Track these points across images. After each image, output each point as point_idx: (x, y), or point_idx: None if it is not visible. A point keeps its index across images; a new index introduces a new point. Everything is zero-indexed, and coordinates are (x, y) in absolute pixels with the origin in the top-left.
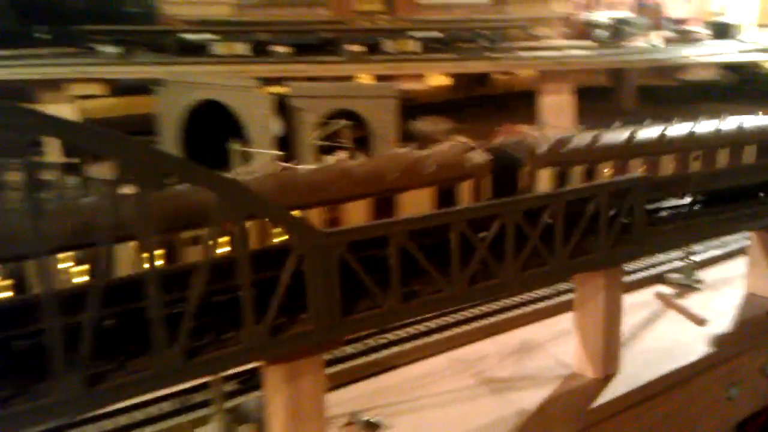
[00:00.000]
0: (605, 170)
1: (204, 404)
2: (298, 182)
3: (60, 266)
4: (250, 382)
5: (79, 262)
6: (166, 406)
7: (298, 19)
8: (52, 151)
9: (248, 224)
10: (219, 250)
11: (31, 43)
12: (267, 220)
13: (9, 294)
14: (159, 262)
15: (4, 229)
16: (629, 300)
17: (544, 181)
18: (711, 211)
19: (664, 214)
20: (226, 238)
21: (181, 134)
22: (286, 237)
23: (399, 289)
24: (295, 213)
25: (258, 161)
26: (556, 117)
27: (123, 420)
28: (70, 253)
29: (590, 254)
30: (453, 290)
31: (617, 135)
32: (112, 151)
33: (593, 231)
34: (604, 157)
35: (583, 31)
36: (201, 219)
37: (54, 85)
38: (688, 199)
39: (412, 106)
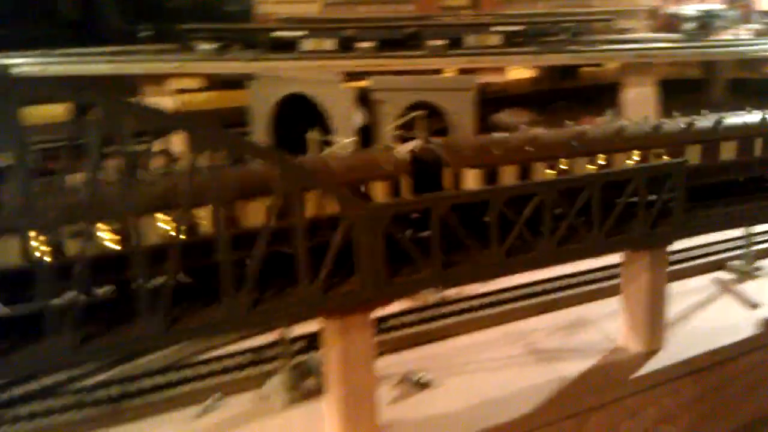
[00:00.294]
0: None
1: (273, 359)
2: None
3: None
4: (314, 342)
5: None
6: (241, 360)
7: (384, 16)
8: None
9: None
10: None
11: (136, 40)
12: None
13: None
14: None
15: (110, 196)
16: (689, 284)
17: (471, 180)
18: (755, 197)
19: (707, 198)
20: None
21: (270, 125)
22: None
23: (439, 257)
24: None
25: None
26: (639, 109)
27: (216, 366)
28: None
29: (629, 234)
30: (490, 261)
31: (557, 134)
32: (191, 131)
33: (634, 213)
34: (536, 157)
35: (672, 23)
36: (266, 190)
37: (156, 79)
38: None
39: (499, 98)
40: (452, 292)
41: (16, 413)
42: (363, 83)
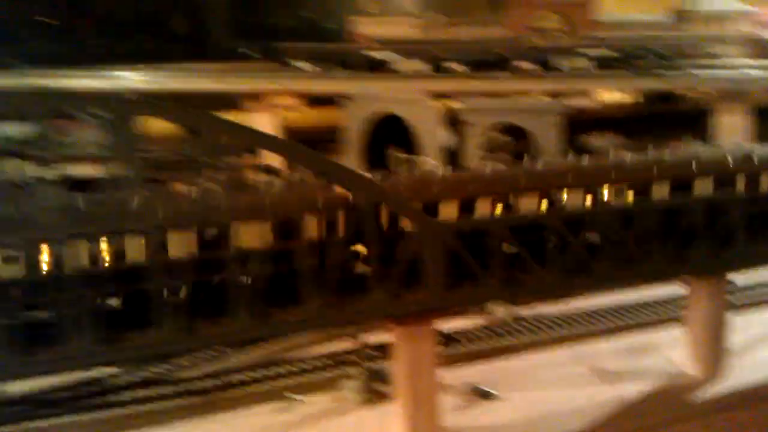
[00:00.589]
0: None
1: (351, 364)
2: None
3: None
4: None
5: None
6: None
7: (477, 38)
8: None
9: None
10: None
11: (238, 57)
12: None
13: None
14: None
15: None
16: (760, 315)
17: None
18: None
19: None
20: None
21: (363, 142)
22: None
23: (499, 273)
24: None
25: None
26: (731, 136)
27: (304, 365)
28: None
29: (689, 261)
30: (549, 280)
31: (500, 171)
32: (281, 153)
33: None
34: (479, 192)
35: None
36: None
37: (257, 96)
38: None
39: (587, 121)
40: (525, 313)
41: (122, 398)
42: (450, 104)
